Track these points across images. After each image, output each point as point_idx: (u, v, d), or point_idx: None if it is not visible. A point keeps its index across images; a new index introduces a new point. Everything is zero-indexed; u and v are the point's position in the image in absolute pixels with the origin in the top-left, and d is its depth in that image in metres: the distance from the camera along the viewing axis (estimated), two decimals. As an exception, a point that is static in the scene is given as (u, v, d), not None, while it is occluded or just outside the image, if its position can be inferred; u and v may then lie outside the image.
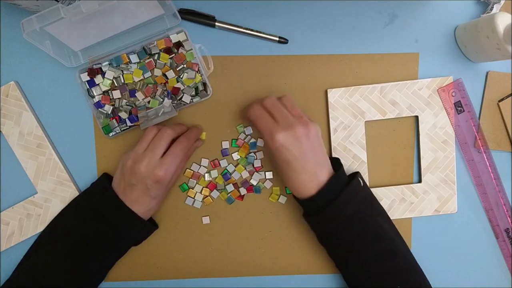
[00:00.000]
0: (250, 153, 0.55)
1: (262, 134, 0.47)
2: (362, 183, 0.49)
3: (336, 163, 0.51)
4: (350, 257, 0.49)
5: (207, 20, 0.53)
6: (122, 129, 0.53)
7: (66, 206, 0.54)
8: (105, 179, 0.52)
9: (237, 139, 0.55)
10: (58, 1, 0.46)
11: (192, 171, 0.55)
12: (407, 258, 0.49)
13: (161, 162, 0.47)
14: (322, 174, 0.47)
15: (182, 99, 0.53)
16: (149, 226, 0.52)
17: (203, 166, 0.55)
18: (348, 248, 0.48)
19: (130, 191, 0.48)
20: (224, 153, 0.55)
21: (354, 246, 0.48)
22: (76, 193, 0.54)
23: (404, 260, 0.49)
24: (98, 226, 0.49)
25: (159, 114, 0.52)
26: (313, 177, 0.46)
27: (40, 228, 0.54)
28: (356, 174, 0.50)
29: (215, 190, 0.55)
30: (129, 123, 0.53)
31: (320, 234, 0.50)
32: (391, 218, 0.55)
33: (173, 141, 0.50)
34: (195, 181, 0.55)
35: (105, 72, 0.52)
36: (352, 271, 0.50)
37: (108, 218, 0.49)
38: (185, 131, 0.52)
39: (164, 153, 0.48)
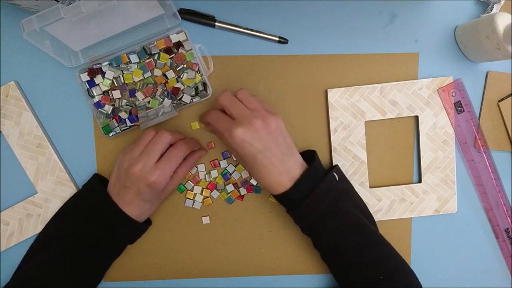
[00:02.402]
0: (250, 153, 0.55)
1: (222, 135, 0.46)
2: (337, 178, 0.49)
3: (310, 156, 0.50)
4: (331, 249, 0.49)
5: (207, 20, 0.53)
6: (122, 129, 0.53)
7: (59, 210, 0.53)
8: (96, 181, 0.51)
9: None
10: (58, 1, 0.46)
11: (190, 173, 0.55)
12: (386, 247, 0.49)
13: (155, 167, 0.47)
14: (292, 167, 0.46)
15: (182, 99, 0.53)
16: (142, 226, 0.52)
17: (201, 171, 0.55)
18: (327, 241, 0.48)
19: (124, 193, 0.48)
20: (225, 155, 0.55)
21: (333, 238, 0.48)
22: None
23: (383, 249, 0.49)
24: (92, 228, 0.49)
25: (159, 114, 0.52)
26: (282, 169, 0.46)
27: (40, 228, 0.54)
28: (333, 168, 0.50)
29: (215, 190, 0.55)
30: (129, 123, 0.53)
31: (301, 228, 0.51)
32: (391, 218, 0.56)
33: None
34: (193, 184, 0.55)
35: (105, 72, 0.52)
36: (335, 262, 0.50)
37: (102, 220, 0.49)
38: (183, 138, 0.52)
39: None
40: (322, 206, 0.47)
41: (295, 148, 0.48)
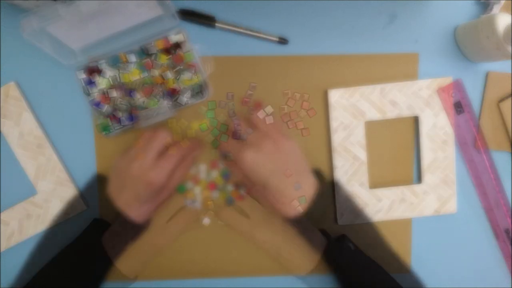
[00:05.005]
0: (250, 153, 0.55)
1: (235, 160, 0.47)
2: (352, 248, 0.51)
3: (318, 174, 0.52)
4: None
5: (207, 20, 0.53)
6: (120, 128, 0.53)
7: (54, 259, 0.50)
8: (95, 233, 0.51)
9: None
10: (57, 1, 0.46)
11: (190, 173, 0.55)
12: None
13: (155, 165, 0.47)
14: (306, 189, 0.47)
15: (180, 100, 0.53)
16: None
17: (201, 171, 0.55)
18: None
19: (123, 194, 0.49)
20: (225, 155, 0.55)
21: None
22: (76, 193, 0.54)
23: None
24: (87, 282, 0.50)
25: (157, 114, 0.52)
26: (296, 193, 0.47)
27: (40, 228, 0.54)
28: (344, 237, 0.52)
29: (215, 190, 0.55)
30: (127, 123, 0.53)
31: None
32: (391, 218, 0.56)
33: None
34: (193, 184, 0.55)
35: (104, 72, 0.52)
36: None
37: (98, 275, 0.51)
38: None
39: None
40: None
41: (309, 170, 0.49)
